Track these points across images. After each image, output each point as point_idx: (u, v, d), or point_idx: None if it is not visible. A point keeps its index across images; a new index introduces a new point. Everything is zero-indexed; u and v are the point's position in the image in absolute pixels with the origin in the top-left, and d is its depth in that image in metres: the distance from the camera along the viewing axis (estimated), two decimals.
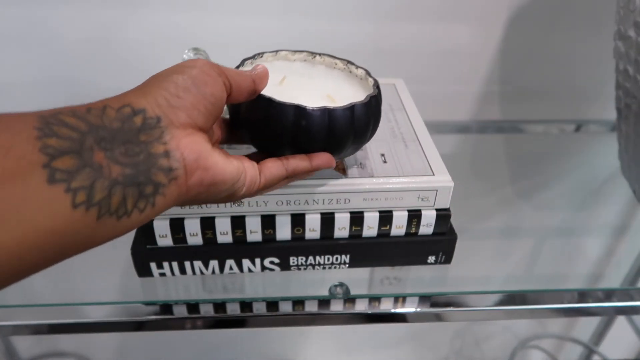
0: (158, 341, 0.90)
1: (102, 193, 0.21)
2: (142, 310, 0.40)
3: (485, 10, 0.60)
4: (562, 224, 0.60)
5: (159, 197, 0.24)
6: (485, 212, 0.59)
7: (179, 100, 0.25)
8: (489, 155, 0.70)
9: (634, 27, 0.42)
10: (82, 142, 0.21)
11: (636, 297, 0.42)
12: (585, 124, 0.69)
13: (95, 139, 0.21)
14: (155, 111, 0.24)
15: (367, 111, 0.33)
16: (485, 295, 0.42)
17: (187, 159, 0.25)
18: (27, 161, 0.19)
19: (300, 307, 0.41)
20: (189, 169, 0.25)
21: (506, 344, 0.95)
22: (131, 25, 0.58)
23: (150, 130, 0.24)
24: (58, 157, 0.20)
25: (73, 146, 0.20)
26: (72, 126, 0.21)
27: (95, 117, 0.22)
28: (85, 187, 0.20)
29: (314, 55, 0.39)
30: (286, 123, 0.31)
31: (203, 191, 0.27)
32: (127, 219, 0.22)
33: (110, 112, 0.23)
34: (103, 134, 0.22)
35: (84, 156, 0.21)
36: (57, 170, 0.19)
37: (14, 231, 0.18)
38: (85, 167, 0.20)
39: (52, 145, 0.20)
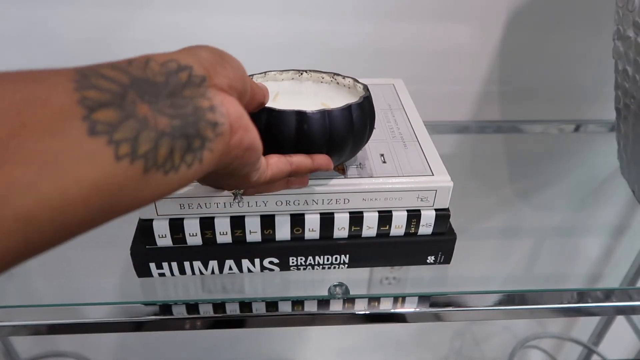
0: (157, 341, 0.90)
1: (147, 145, 0.20)
2: (142, 311, 0.40)
3: (484, 10, 0.60)
4: (562, 224, 0.60)
5: (206, 152, 0.23)
6: (485, 212, 0.59)
7: (224, 69, 0.25)
8: (488, 155, 0.70)
9: (633, 27, 0.42)
10: (123, 94, 0.20)
11: (635, 297, 0.42)
12: (585, 124, 0.69)
13: (138, 92, 0.20)
14: (200, 70, 0.24)
15: (362, 111, 0.34)
16: (484, 295, 0.42)
17: (232, 115, 0.25)
18: (66, 113, 0.18)
19: (299, 307, 0.41)
20: (233, 127, 0.25)
21: (506, 344, 0.95)
22: (131, 25, 0.58)
23: (195, 87, 0.23)
24: (98, 109, 0.19)
25: (114, 99, 0.19)
26: (112, 79, 0.20)
27: (137, 69, 0.21)
28: (129, 139, 0.19)
29: (301, 72, 0.41)
30: (289, 129, 0.32)
31: (239, 155, 0.26)
32: (175, 174, 0.21)
33: (154, 66, 0.22)
34: (146, 87, 0.21)
35: (126, 108, 0.20)
36: (98, 123, 0.18)
37: (55, 183, 0.17)
38: (129, 118, 0.19)
39: (91, 98, 0.19)
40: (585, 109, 0.70)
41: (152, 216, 0.38)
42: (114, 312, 0.39)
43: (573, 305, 0.42)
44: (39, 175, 0.17)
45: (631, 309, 0.43)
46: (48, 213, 0.17)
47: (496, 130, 0.69)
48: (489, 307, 0.41)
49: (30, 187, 0.16)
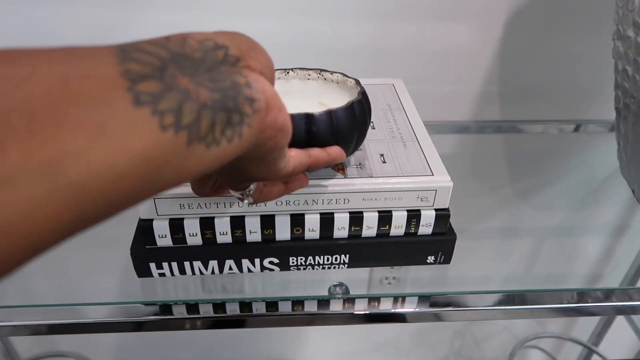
0: (157, 341, 0.90)
1: (190, 116, 0.20)
2: (142, 311, 0.40)
3: (484, 10, 0.60)
4: (562, 224, 0.60)
5: (245, 127, 0.23)
6: (485, 212, 0.59)
7: (257, 55, 0.26)
8: (488, 155, 0.70)
9: (633, 27, 0.42)
10: (163, 68, 0.20)
11: (635, 297, 0.42)
12: (584, 124, 0.69)
13: (177, 65, 0.20)
14: (235, 51, 0.24)
15: (362, 106, 0.36)
16: (484, 295, 0.42)
17: (267, 92, 0.25)
18: (110, 85, 0.18)
19: (299, 307, 0.41)
20: (269, 104, 0.25)
21: (506, 344, 0.95)
22: (131, 25, 0.58)
23: (230, 65, 0.23)
24: (140, 81, 0.19)
25: (155, 72, 0.19)
26: (152, 53, 0.20)
27: (176, 45, 0.21)
28: (173, 109, 0.19)
29: (287, 71, 0.41)
30: (299, 131, 0.33)
31: (273, 135, 0.26)
32: (216, 148, 0.21)
33: (192, 42, 0.22)
34: (185, 61, 0.21)
35: (167, 80, 0.20)
36: (142, 94, 0.18)
37: (103, 152, 0.17)
38: (171, 90, 0.19)
39: (133, 70, 0.19)
40: (585, 109, 0.70)
41: (152, 216, 0.38)
42: (114, 312, 0.39)
43: (573, 305, 0.42)
44: (89, 144, 0.16)
45: (631, 309, 0.43)
46: (98, 183, 0.17)
47: (496, 130, 0.69)
48: (489, 307, 0.41)
49: (81, 157, 0.16)
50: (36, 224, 0.15)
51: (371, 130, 0.45)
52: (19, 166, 0.15)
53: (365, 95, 0.37)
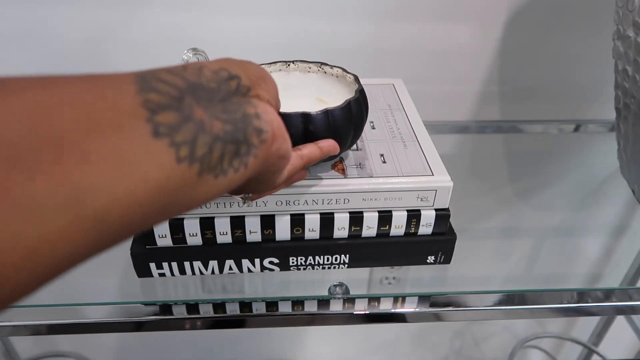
0: (157, 341, 0.90)
1: (203, 148, 0.21)
2: (142, 311, 0.40)
3: (484, 10, 0.60)
4: (562, 224, 0.60)
5: (251, 157, 0.24)
6: (485, 212, 0.59)
7: (266, 85, 0.27)
8: (488, 155, 0.70)
9: (633, 27, 0.42)
10: (181, 98, 0.21)
11: (635, 296, 0.42)
12: (584, 124, 0.69)
13: (194, 96, 0.21)
14: (247, 81, 0.25)
15: (359, 104, 0.36)
16: (484, 295, 0.42)
17: (274, 123, 0.25)
18: (131, 115, 0.18)
19: (299, 307, 0.41)
20: (275, 134, 0.26)
21: (506, 344, 0.95)
22: (131, 25, 0.58)
23: (242, 96, 0.24)
24: (159, 111, 0.19)
25: (173, 102, 0.20)
26: (170, 83, 0.21)
27: (192, 74, 0.22)
28: (188, 141, 0.20)
29: (288, 63, 0.41)
30: (296, 130, 0.34)
31: (274, 162, 0.27)
32: (224, 178, 0.22)
33: (207, 73, 0.23)
34: (201, 92, 0.22)
35: (184, 111, 0.20)
36: (161, 125, 0.19)
37: (125, 183, 0.17)
38: (188, 121, 0.20)
39: (153, 100, 0.19)
40: (585, 109, 0.70)
41: None
42: (114, 312, 0.39)
43: (573, 305, 0.42)
44: (111, 176, 0.17)
45: (631, 309, 0.43)
46: (117, 212, 0.17)
47: (496, 130, 0.69)
48: (489, 307, 0.41)
49: (104, 188, 0.17)
50: (59, 252, 0.16)
51: (371, 130, 0.45)
52: (47, 197, 0.15)
53: (363, 93, 0.37)
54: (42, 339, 0.84)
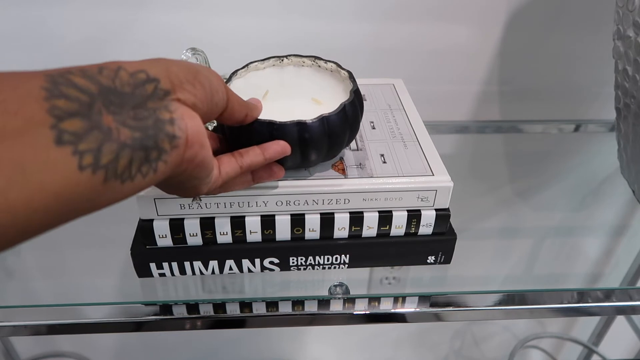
0: (158, 341, 0.90)
1: (109, 156, 0.21)
2: (142, 311, 0.40)
3: (484, 10, 0.60)
4: (562, 224, 0.60)
5: (161, 163, 0.24)
6: (485, 212, 0.59)
7: (192, 88, 0.26)
8: (488, 155, 0.70)
9: (633, 26, 0.42)
10: (91, 104, 0.21)
11: (635, 296, 0.42)
12: (585, 123, 0.69)
13: (104, 102, 0.21)
14: (167, 84, 0.25)
15: (354, 106, 0.36)
16: (484, 295, 0.42)
17: (189, 130, 0.25)
18: (35, 122, 0.19)
19: (299, 307, 0.41)
20: (189, 141, 0.26)
21: (505, 344, 0.95)
22: (131, 25, 0.58)
23: (158, 99, 0.24)
24: (66, 119, 0.19)
25: (81, 109, 0.20)
26: (81, 88, 0.21)
27: (106, 78, 0.22)
28: (93, 149, 0.20)
29: (282, 58, 0.42)
30: (292, 140, 0.34)
31: (190, 169, 0.27)
32: (131, 183, 0.22)
33: (124, 75, 0.23)
34: (113, 97, 0.22)
35: (92, 119, 0.20)
36: (65, 132, 0.19)
37: (21, 192, 0.18)
38: (94, 129, 0.20)
39: (60, 107, 0.19)
40: (585, 109, 0.70)
41: (153, 216, 0.38)
42: (114, 312, 0.39)
43: (573, 305, 0.42)
44: (7, 183, 0.17)
45: (631, 309, 0.43)
46: (11, 219, 0.18)
47: (496, 130, 0.69)
48: (489, 307, 0.41)
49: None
50: None
51: (371, 130, 0.45)
52: None
53: (358, 93, 0.37)
54: (42, 339, 0.84)
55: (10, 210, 0.18)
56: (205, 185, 0.30)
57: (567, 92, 0.68)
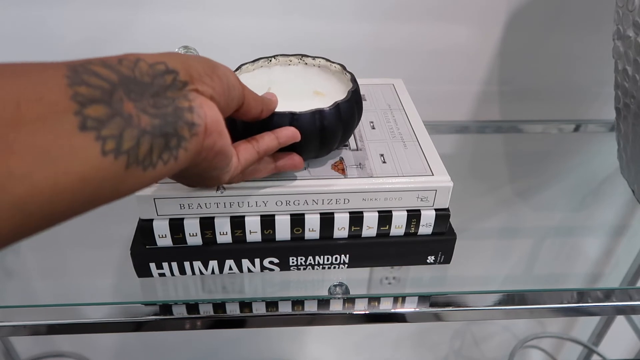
0: (158, 341, 0.90)
1: (130, 142, 0.21)
2: (142, 311, 0.40)
3: (484, 10, 0.60)
4: (561, 224, 0.60)
5: (182, 150, 0.24)
6: (485, 212, 0.59)
7: (211, 81, 0.27)
8: (488, 155, 0.70)
9: (633, 26, 0.42)
10: (112, 92, 0.21)
11: (635, 297, 0.42)
12: (584, 123, 0.69)
13: (125, 90, 0.22)
14: (185, 76, 0.25)
15: (350, 104, 0.37)
16: (484, 295, 0.42)
17: (208, 118, 0.26)
18: (60, 108, 0.19)
19: (299, 307, 0.41)
20: (208, 129, 0.26)
21: (505, 344, 0.95)
22: (131, 25, 0.58)
23: (177, 90, 0.25)
24: (89, 105, 0.20)
25: (103, 95, 0.21)
26: (102, 76, 0.21)
27: (126, 68, 0.22)
28: (115, 135, 0.20)
29: (269, 59, 0.42)
30: (313, 128, 0.35)
31: (210, 158, 0.27)
32: (152, 170, 0.23)
33: (143, 66, 0.23)
34: (133, 86, 0.22)
35: (114, 105, 0.21)
36: (89, 118, 0.20)
37: (47, 174, 0.18)
38: (115, 116, 0.21)
39: (83, 94, 0.20)
40: (584, 108, 0.70)
41: (152, 216, 0.38)
42: (114, 312, 0.39)
43: (573, 305, 0.42)
44: (33, 166, 0.18)
45: (631, 309, 0.43)
46: (38, 202, 0.18)
47: (496, 130, 0.69)
48: (489, 307, 0.41)
49: (25, 177, 0.18)
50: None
51: (371, 130, 0.45)
52: None
53: (356, 92, 0.38)
54: (42, 339, 0.84)
55: (36, 193, 0.18)
56: (226, 173, 0.30)
57: (567, 92, 0.68)
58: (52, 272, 0.49)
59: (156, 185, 0.37)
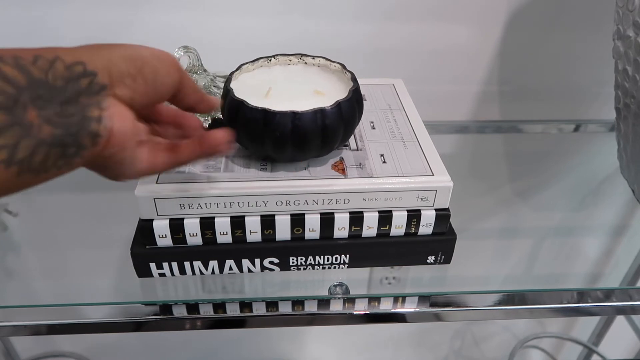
0: (158, 341, 0.90)
1: (25, 152, 0.21)
2: (142, 311, 0.40)
3: (484, 10, 0.60)
4: (561, 224, 0.60)
5: (77, 159, 0.24)
6: (485, 212, 0.59)
7: (133, 82, 0.26)
8: (488, 155, 0.70)
9: (633, 26, 0.42)
10: (17, 98, 0.21)
11: (635, 297, 0.42)
12: (584, 123, 0.69)
13: (31, 96, 0.21)
14: (105, 78, 0.25)
15: (351, 103, 0.37)
16: (484, 295, 0.42)
17: (115, 129, 0.25)
18: None
19: (299, 307, 0.41)
20: (111, 142, 0.25)
21: (505, 344, 0.95)
22: (131, 25, 0.58)
23: (92, 95, 0.24)
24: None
25: (7, 101, 0.20)
26: (10, 79, 0.21)
27: (39, 70, 0.22)
28: (9, 145, 0.20)
29: (269, 58, 0.42)
30: (315, 127, 0.35)
31: (107, 164, 0.27)
32: (45, 174, 0.23)
33: (59, 67, 0.23)
34: (42, 91, 0.22)
35: (15, 113, 0.20)
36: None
37: None
38: (15, 125, 0.20)
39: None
40: (584, 108, 0.70)
41: (153, 216, 0.38)
42: (114, 312, 0.39)
43: (573, 305, 0.42)
44: None
45: (631, 309, 0.43)
46: None
47: (496, 130, 0.69)
48: (489, 307, 0.41)
49: None
50: None
51: (371, 130, 0.45)
52: None
53: (357, 92, 0.38)
54: (42, 339, 0.83)
55: None
56: (127, 176, 0.29)
57: (567, 92, 0.68)
58: (52, 272, 0.49)
59: (156, 186, 0.37)
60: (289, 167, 0.40)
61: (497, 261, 0.55)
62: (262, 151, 0.38)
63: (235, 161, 0.40)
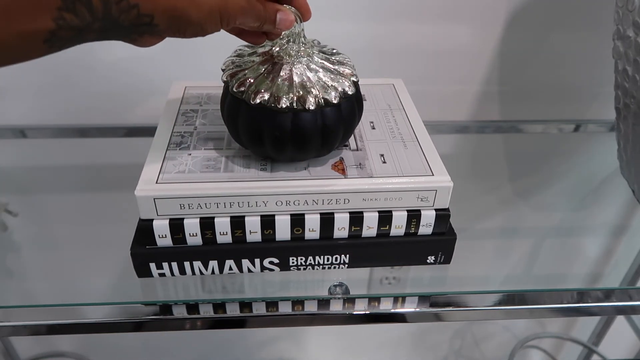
0: (158, 341, 0.90)
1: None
2: (142, 311, 0.40)
3: (484, 10, 0.60)
4: (561, 224, 0.60)
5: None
6: (485, 212, 0.59)
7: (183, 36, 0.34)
8: (488, 155, 0.70)
9: (633, 27, 0.42)
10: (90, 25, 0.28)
11: (635, 296, 0.42)
12: (584, 123, 0.69)
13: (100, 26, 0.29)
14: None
15: (351, 102, 0.38)
16: (484, 295, 0.42)
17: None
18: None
19: (299, 307, 0.41)
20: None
21: (505, 344, 0.95)
22: None
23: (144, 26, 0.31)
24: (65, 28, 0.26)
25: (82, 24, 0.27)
26: (92, 7, 0.27)
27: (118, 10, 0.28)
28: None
29: None
30: (315, 127, 0.36)
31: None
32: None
33: (134, 14, 0.29)
34: (109, 25, 0.30)
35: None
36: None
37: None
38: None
39: (65, 19, 0.26)
40: (584, 109, 0.70)
41: (152, 216, 0.38)
42: (114, 312, 0.39)
43: (573, 305, 0.42)
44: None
45: (631, 309, 0.43)
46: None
47: (496, 130, 0.69)
48: (489, 307, 0.41)
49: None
50: None
51: (371, 130, 0.45)
52: None
53: (357, 91, 0.38)
54: (42, 339, 0.84)
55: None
56: (202, 9, 0.33)
57: (567, 92, 0.68)
58: (52, 272, 0.49)
59: (156, 186, 0.37)
60: (289, 167, 0.40)
61: (497, 261, 0.55)
62: (262, 151, 0.38)
63: (235, 161, 0.40)
